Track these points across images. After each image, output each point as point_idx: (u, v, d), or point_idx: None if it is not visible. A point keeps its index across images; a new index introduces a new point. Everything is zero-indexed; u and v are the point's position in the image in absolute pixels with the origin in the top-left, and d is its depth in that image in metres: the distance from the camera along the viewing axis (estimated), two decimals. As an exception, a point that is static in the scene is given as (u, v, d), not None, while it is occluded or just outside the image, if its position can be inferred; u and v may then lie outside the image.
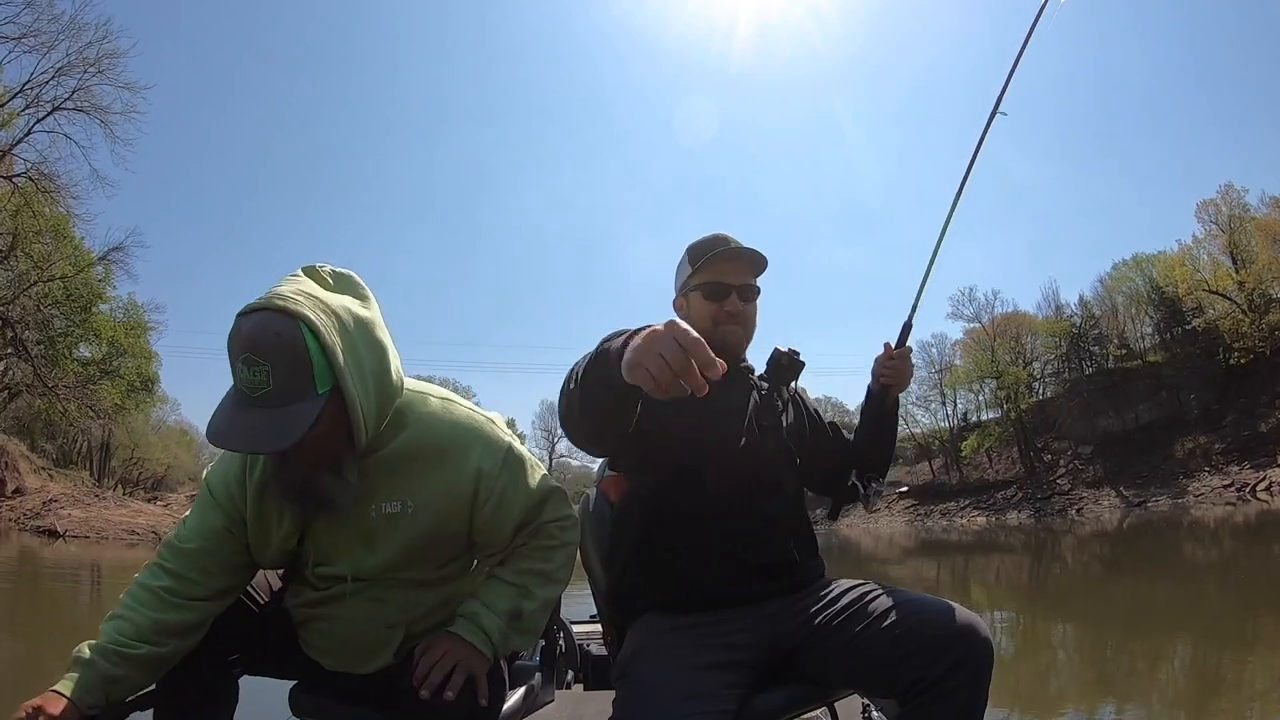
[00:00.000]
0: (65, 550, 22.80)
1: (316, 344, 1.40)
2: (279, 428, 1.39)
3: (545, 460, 67.14)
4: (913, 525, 49.04)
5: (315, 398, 1.42)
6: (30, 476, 34.35)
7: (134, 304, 38.11)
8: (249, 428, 1.39)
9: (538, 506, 1.76)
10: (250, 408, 1.40)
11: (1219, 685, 5.73)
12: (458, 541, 1.75)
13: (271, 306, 1.39)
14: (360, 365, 1.48)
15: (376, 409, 1.54)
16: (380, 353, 1.54)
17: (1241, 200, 46.67)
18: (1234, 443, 41.72)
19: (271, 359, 1.38)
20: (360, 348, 1.49)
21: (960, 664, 1.61)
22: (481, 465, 1.67)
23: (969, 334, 56.35)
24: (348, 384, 1.45)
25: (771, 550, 1.90)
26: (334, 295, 1.50)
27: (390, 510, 1.64)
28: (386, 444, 1.62)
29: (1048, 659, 7.33)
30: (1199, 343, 48.24)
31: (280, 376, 1.38)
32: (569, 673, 3.48)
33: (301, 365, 1.40)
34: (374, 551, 1.67)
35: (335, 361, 1.42)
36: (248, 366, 1.38)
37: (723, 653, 1.71)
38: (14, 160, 29.50)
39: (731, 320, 2.04)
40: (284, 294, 1.41)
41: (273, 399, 1.39)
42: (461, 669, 1.60)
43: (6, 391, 34.89)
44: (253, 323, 1.39)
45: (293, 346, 1.39)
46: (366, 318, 1.53)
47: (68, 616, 10.39)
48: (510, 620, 1.70)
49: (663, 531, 1.88)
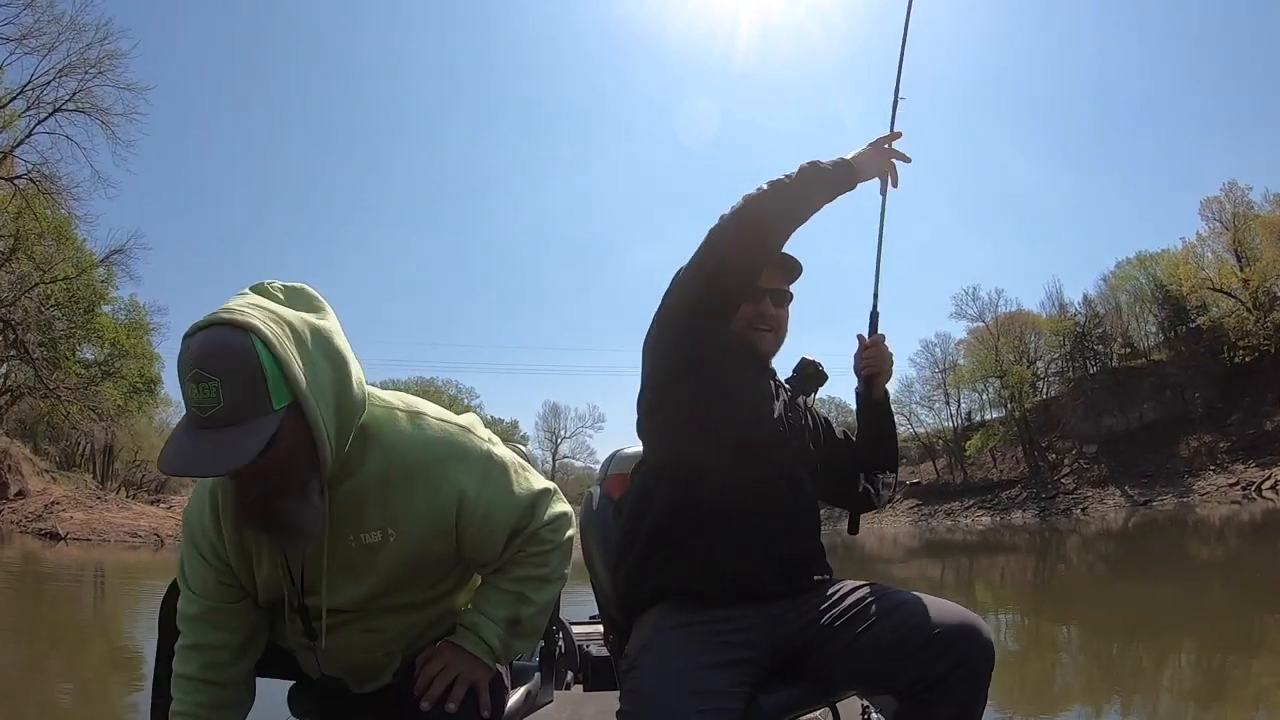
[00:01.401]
0: (66, 553, 22.86)
1: (270, 356, 1.29)
2: (233, 447, 1.28)
3: (548, 462, 67.43)
4: (917, 525, 49.13)
5: (272, 414, 1.30)
6: (33, 479, 34.41)
7: (136, 305, 38.29)
8: (201, 451, 1.28)
9: (527, 512, 1.69)
10: (202, 430, 1.28)
11: (1224, 686, 5.73)
12: (446, 561, 1.68)
13: (219, 320, 1.28)
14: (319, 378, 1.37)
15: (339, 425, 1.43)
16: (340, 365, 1.43)
17: (1245, 198, 46.75)
18: (1239, 441, 41.70)
19: (221, 373, 1.26)
20: (318, 359, 1.38)
21: (962, 663, 1.61)
22: (462, 484, 1.58)
23: (973, 333, 56.51)
24: (307, 398, 1.34)
25: (796, 545, 1.89)
26: (286, 308, 1.39)
27: (370, 540, 1.55)
28: (358, 470, 1.52)
29: (1052, 659, 7.33)
30: (1203, 341, 48.25)
31: (232, 392, 1.27)
32: (568, 673, 3.46)
33: (254, 378, 1.28)
34: (359, 582, 1.59)
35: (291, 374, 1.31)
36: (197, 384, 1.26)
37: (731, 651, 1.69)
38: (15, 162, 29.60)
39: (763, 324, 2.03)
40: (232, 307, 1.31)
41: (225, 417, 1.27)
42: (463, 680, 1.58)
43: (9, 394, 34.95)
44: (200, 339, 1.28)
45: (244, 359, 1.27)
46: (323, 328, 1.42)
47: (69, 619, 10.37)
48: (509, 627, 1.67)
49: (687, 519, 1.84)
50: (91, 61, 29.84)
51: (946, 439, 57.96)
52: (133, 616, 9.40)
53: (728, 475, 1.84)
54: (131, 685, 5.90)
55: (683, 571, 1.82)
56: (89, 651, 7.98)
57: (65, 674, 6.78)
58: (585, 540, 2.26)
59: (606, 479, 2.36)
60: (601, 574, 2.15)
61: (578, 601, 5.79)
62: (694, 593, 1.80)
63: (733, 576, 1.80)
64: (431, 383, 66.87)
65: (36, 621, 10.13)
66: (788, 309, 2.08)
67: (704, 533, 1.82)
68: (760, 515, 1.84)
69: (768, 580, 1.82)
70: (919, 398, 59.09)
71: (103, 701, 5.85)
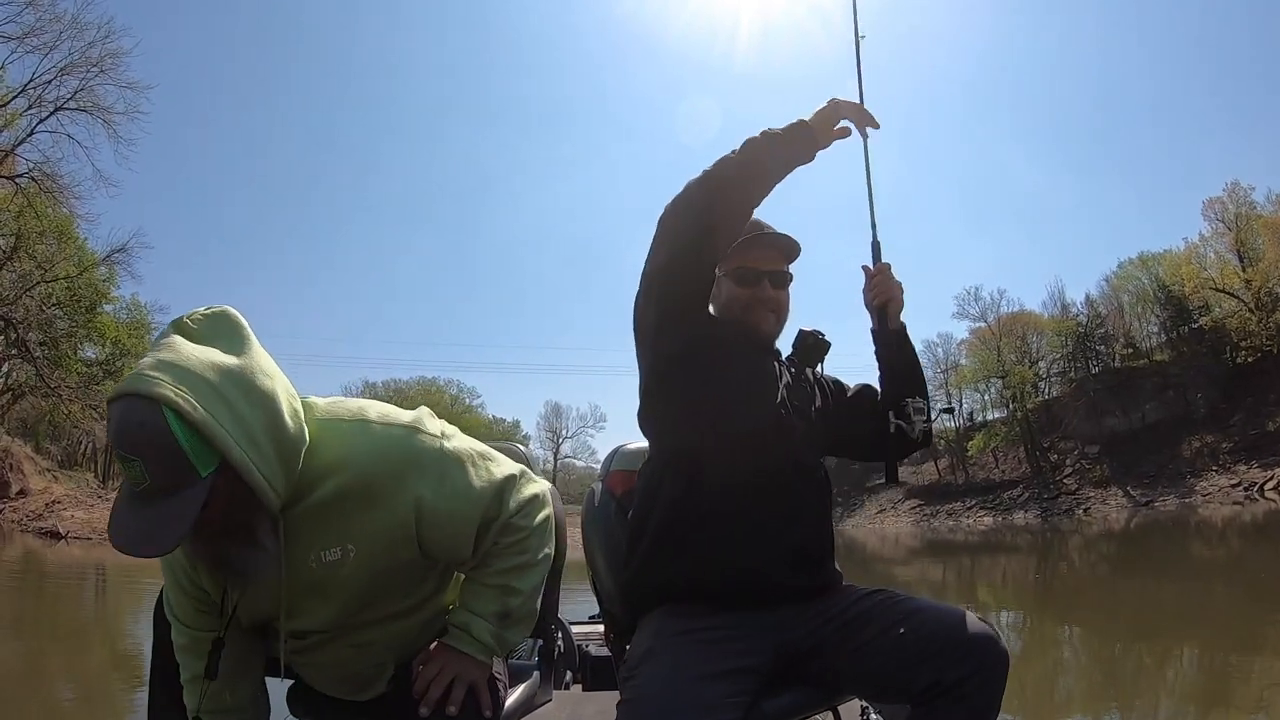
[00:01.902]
0: (68, 552, 22.85)
1: (185, 426, 1.25)
2: (165, 524, 1.27)
3: (550, 462, 67.43)
4: (919, 525, 49.07)
5: (199, 482, 1.28)
6: (35, 478, 34.40)
7: (137, 304, 38.23)
8: (138, 527, 1.28)
9: (494, 503, 1.64)
10: (138, 503, 1.28)
11: (1227, 687, 5.72)
12: (419, 567, 1.65)
13: (130, 392, 1.26)
14: (246, 426, 1.33)
15: (281, 464, 1.39)
16: (267, 404, 1.37)
17: (1248, 198, 46.58)
18: (1241, 441, 41.57)
19: (141, 452, 1.25)
20: (242, 406, 1.33)
21: (977, 671, 1.61)
22: (418, 492, 1.53)
23: (974, 333, 56.36)
24: (235, 455, 1.30)
25: (806, 536, 1.87)
26: (201, 352, 1.34)
27: (330, 558, 1.52)
28: (311, 491, 1.48)
29: (1055, 660, 7.32)
30: (1206, 341, 48.12)
31: (155, 470, 1.26)
32: (568, 673, 3.44)
33: (173, 454, 1.25)
34: (328, 602, 1.57)
35: (211, 436, 1.28)
36: (122, 462, 1.27)
37: (732, 659, 1.66)
38: (17, 160, 29.59)
39: (762, 306, 2.01)
40: (144, 374, 1.27)
41: (155, 492, 1.27)
42: (461, 681, 1.59)
43: (10, 393, 34.94)
44: (118, 414, 1.26)
45: (159, 436, 1.24)
46: (239, 367, 1.35)
47: (70, 618, 10.36)
48: (500, 621, 1.66)
49: (692, 515, 1.82)
50: (93, 60, 29.92)
51: (948, 439, 57.80)
52: (134, 615, 9.39)
53: (732, 467, 1.81)
54: (132, 684, 5.87)
55: (689, 570, 1.80)
56: (90, 650, 7.97)
57: (67, 673, 6.78)
58: (587, 537, 2.25)
59: (608, 475, 2.35)
60: (603, 571, 2.13)
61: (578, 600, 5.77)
62: (700, 592, 1.78)
63: (740, 573, 1.78)
64: (433, 382, 67.02)
65: (38, 620, 10.13)
66: (788, 290, 2.06)
67: (710, 529, 1.80)
68: (768, 507, 1.82)
69: (777, 576, 1.80)
70: (921, 398, 58.82)
71: (104, 700, 5.83)
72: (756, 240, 2.01)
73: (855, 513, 56.24)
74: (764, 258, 2.01)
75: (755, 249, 2.01)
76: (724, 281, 2.04)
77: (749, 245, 2.00)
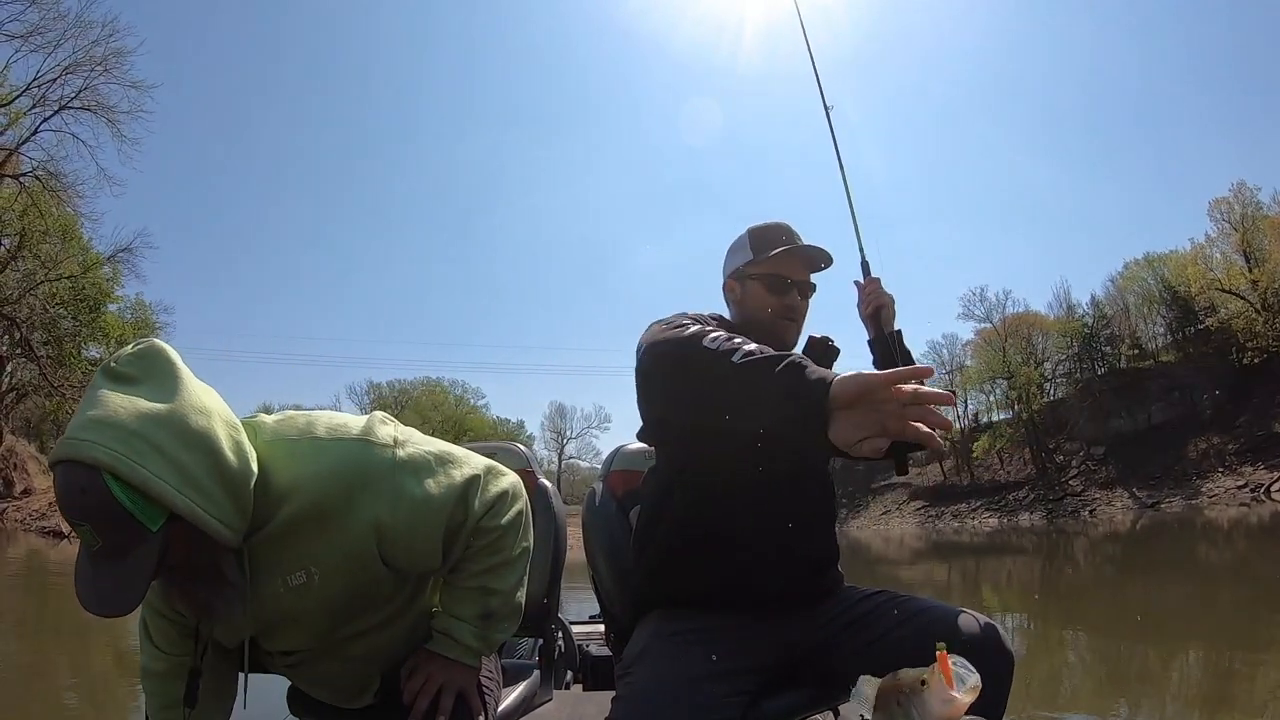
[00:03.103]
0: (70, 551, 22.82)
1: (124, 488, 1.23)
2: (124, 584, 1.27)
3: (554, 463, 67.51)
4: (923, 527, 49.11)
5: (151, 537, 1.26)
6: (39, 477, 34.46)
7: (142, 304, 38.35)
8: (100, 587, 1.27)
9: (459, 508, 1.57)
10: (97, 563, 1.27)
11: (1233, 689, 5.71)
12: (387, 580, 1.58)
13: (67, 458, 1.23)
14: (187, 473, 1.29)
15: (231, 501, 1.36)
16: (204, 444, 1.32)
17: (1254, 199, 46.39)
18: (1248, 443, 41.49)
19: (89, 518, 1.24)
20: (180, 454, 1.29)
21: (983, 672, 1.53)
22: (374, 513, 1.47)
23: (980, 334, 56.43)
24: (181, 505, 1.27)
25: (814, 544, 1.89)
26: (129, 404, 1.29)
27: (297, 583, 1.48)
28: (268, 520, 1.44)
29: (1059, 661, 7.31)
30: (1212, 342, 48.02)
31: (104, 532, 1.24)
32: (568, 673, 3.43)
33: (119, 517, 1.24)
34: (301, 625, 1.55)
35: (153, 492, 1.24)
36: (74, 526, 1.26)
37: (730, 660, 1.66)
38: (21, 159, 29.65)
39: (789, 315, 2.02)
40: (76, 438, 1.24)
41: (110, 553, 1.26)
42: (448, 689, 1.58)
43: (14, 392, 35.04)
44: (60, 481, 1.25)
45: (101, 502, 1.23)
46: (170, 412, 1.31)
47: (72, 616, 10.35)
48: (483, 622, 1.65)
49: (704, 521, 1.83)
50: (97, 59, 29.98)
51: (953, 440, 57.77)
52: (136, 614, 9.37)
53: (742, 477, 1.80)
54: (134, 683, 5.84)
55: (699, 580, 1.81)
56: (93, 649, 7.99)
57: (69, 671, 6.79)
58: (588, 538, 2.25)
59: (609, 475, 2.35)
60: (604, 571, 2.13)
61: (578, 600, 5.74)
62: (704, 597, 1.79)
63: (750, 583, 1.78)
64: (438, 383, 67.17)
65: (41, 619, 10.14)
66: (809, 299, 2.07)
67: (720, 541, 1.80)
68: (777, 517, 1.82)
69: (785, 584, 1.80)
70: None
71: (106, 698, 5.88)
72: (793, 252, 2.00)
73: (860, 514, 56.33)
74: (797, 267, 2.02)
75: (791, 258, 2.01)
76: (752, 284, 2.03)
77: (786, 255, 2.00)
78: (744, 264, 2.05)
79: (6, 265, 30.12)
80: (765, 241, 2.03)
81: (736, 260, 2.08)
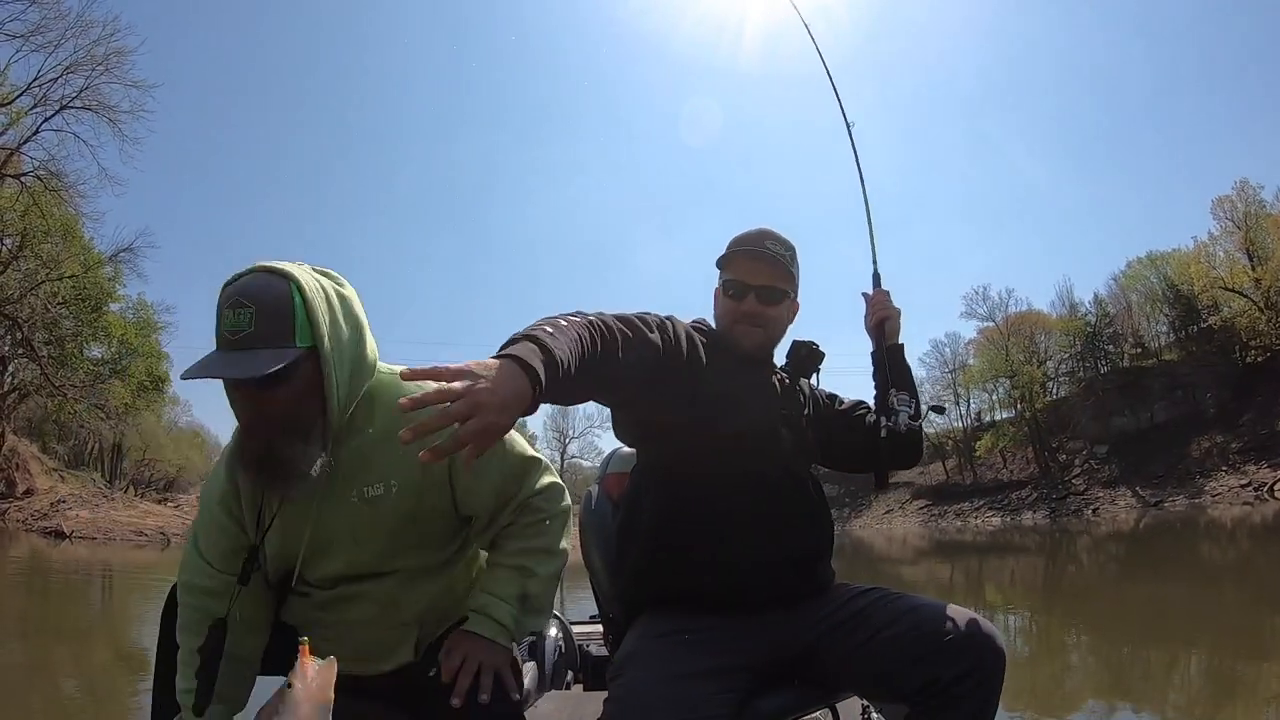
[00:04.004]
0: (72, 551, 22.94)
1: (301, 300, 1.45)
2: (257, 364, 1.39)
3: (556, 461, 67.59)
4: (926, 526, 49.19)
5: (293, 348, 1.43)
6: (41, 477, 34.56)
7: (144, 304, 38.36)
8: (224, 364, 1.41)
9: (516, 474, 1.73)
10: (229, 351, 1.41)
11: (1235, 689, 5.67)
12: (447, 519, 1.72)
13: (262, 267, 1.47)
14: (338, 334, 1.51)
15: (350, 380, 1.54)
16: (358, 329, 1.57)
17: (1257, 196, 46.44)
18: (1251, 441, 41.52)
19: (257, 302, 1.42)
20: (340, 320, 1.52)
21: (974, 670, 1.61)
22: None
23: (982, 333, 56.53)
24: (325, 345, 1.47)
25: (794, 544, 1.85)
26: (320, 276, 1.55)
27: (373, 494, 1.62)
28: (363, 430, 1.60)
29: (1061, 661, 7.31)
30: (1215, 341, 48.09)
31: (263, 319, 1.41)
32: (568, 673, 3.41)
33: (284, 313, 1.43)
34: (358, 543, 1.65)
35: (316, 319, 1.46)
36: (233, 310, 1.42)
37: (720, 658, 1.66)
38: (22, 159, 29.60)
39: (748, 321, 1.98)
40: (273, 264, 1.48)
41: (253, 340, 1.41)
42: (487, 668, 1.60)
43: (16, 392, 35.06)
44: (244, 278, 1.45)
45: (279, 295, 1.44)
46: (347, 296, 1.57)
47: (75, 617, 10.37)
48: (520, 604, 1.70)
49: (684, 523, 1.81)
50: (98, 58, 29.83)
51: (956, 439, 57.82)
52: (139, 615, 9.41)
53: (714, 476, 1.81)
54: (137, 683, 5.90)
55: (679, 579, 1.80)
56: (95, 649, 8.00)
57: (71, 672, 6.78)
58: (584, 539, 2.26)
59: (605, 477, 2.36)
60: (600, 573, 2.14)
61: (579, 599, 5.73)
62: (689, 598, 1.78)
63: (727, 579, 1.78)
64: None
65: (43, 619, 10.15)
66: (785, 305, 2.03)
67: (695, 537, 1.80)
68: (751, 515, 1.81)
69: (762, 581, 1.79)
70: (929, 398, 59.00)
71: (109, 699, 5.86)
72: (745, 254, 1.98)
73: (863, 513, 56.43)
74: (754, 271, 1.97)
75: (747, 261, 1.98)
76: (718, 291, 2.04)
77: (740, 258, 1.99)
78: (720, 272, 2.05)
79: (8, 265, 30.09)
80: (729, 247, 2.02)
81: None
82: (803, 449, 1.97)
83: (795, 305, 2.07)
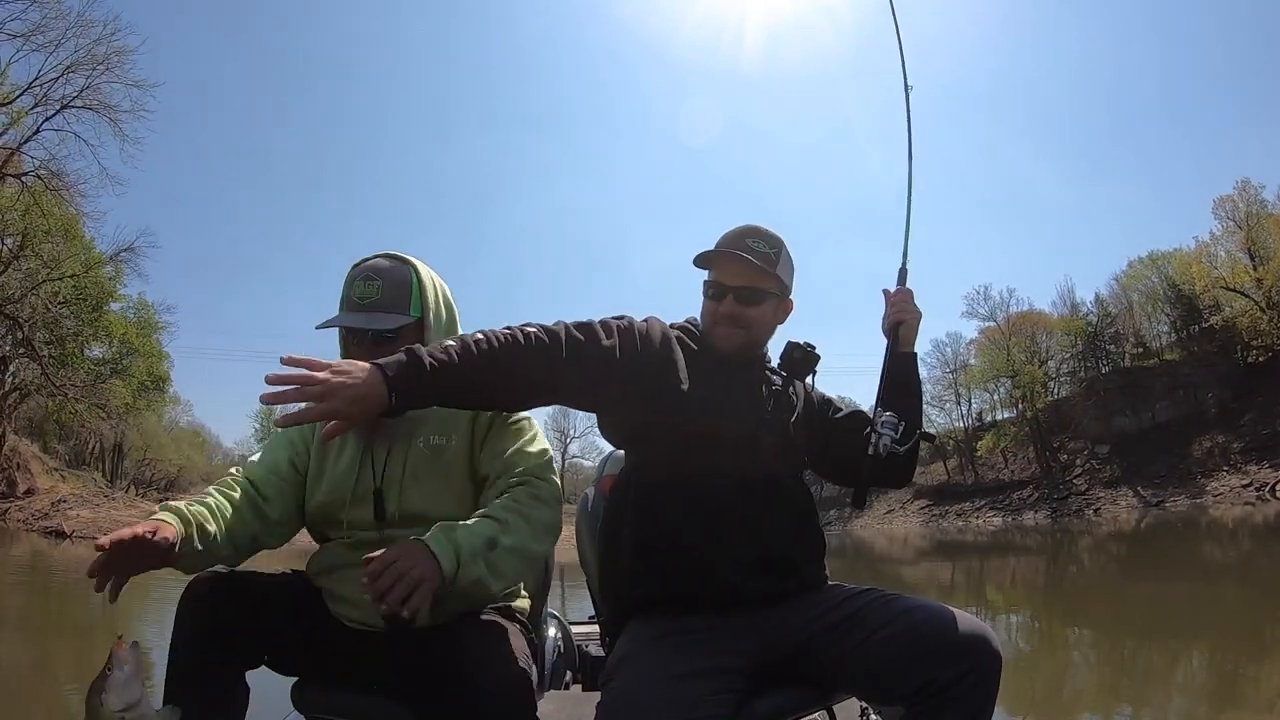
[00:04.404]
0: (73, 551, 22.90)
1: (418, 280, 1.94)
2: (380, 320, 1.86)
3: (557, 461, 66.99)
4: (927, 526, 49.15)
5: (407, 316, 1.89)
6: (42, 477, 34.60)
7: (145, 303, 38.45)
8: (354, 319, 1.87)
9: (528, 451, 1.93)
10: (356, 311, 1.87)
11: (1237, 690, 5.65)
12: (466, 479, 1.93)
13: (388, 254, 1.97)
14: (439, 313, 1.96)
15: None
16: (452, 313, 2.02)
17: (1259, 196, 46.42)
18: (1252, 441, 41.47)
19: (384, 277, 1.90)
20: (441, 304, 1.98)
21: (970, 671, 1.60)
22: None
23: (984, 333, 56.46)
24: (429, 318, 1.92)
25: (774, 546, 1.83)
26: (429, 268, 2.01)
27: (436, 442, 1.91)
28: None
29: (1063, 662, 7.27)
30: (1216, 341, 48.05)
31: (388, 290, 1.88)
32: (567, 673, 3.40)
33: (405, 288, 1.91)
34: (420, 487, 1.88)
35: (426, 297, 1.93)
36: (364, 281, 1.89)
37: (713, 659, 1.66)
38: (23, 159, 29.61)
39: (726, 322, 1.97)
40: (394, 252, 1.97)
41: (378, 305, 1.87)
42: (408, 579, 1.50)
43: (17, 392, 35.06)
44: (376, 259, 1.94)
45: (402, 274, 1.93)
46: (446, 287, 2.04)
47: (75, 617, 10.35)
48: (486, 545, 1.68)
49: (663, 526, 1.81)
50: (99, 58, 29.85)
51: (957, 439, 57.80)
52: (140, 615, 9.37)
53: (692, 479, 1.81)
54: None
55: (663, 581, 1.79)
56: (97, 650, 7.93)
57: (73, 672, 6.76)
58: (581, 541, 2.30)
59: (602, 479, 2.38)
60: (596, 575, 2.14)
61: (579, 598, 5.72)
62: (676, 600, 1.78)
63: (711, 585, 1.77)
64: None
65: (44, 619, 10.15)
66: (769, 305, 2.00)
67: (673, 538, 1.79)
68: (729, 518, 1.80)
69: (744, 582, 1.78)
70: (930, 398, 58.63)
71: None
72: (725, 254, 1.96)
73: (864, 513, 56.30)
74: (733, 271, 1.96)
75: (725, 262, 1.97)
76: (702, 293, 2.03)
77: (718, 258, 1.98)
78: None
79: (9, 265, 30.10)
80: (710, 247, 2.00)
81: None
82: (787, 452, 1.95)
83: (786, 305, 2.05)
